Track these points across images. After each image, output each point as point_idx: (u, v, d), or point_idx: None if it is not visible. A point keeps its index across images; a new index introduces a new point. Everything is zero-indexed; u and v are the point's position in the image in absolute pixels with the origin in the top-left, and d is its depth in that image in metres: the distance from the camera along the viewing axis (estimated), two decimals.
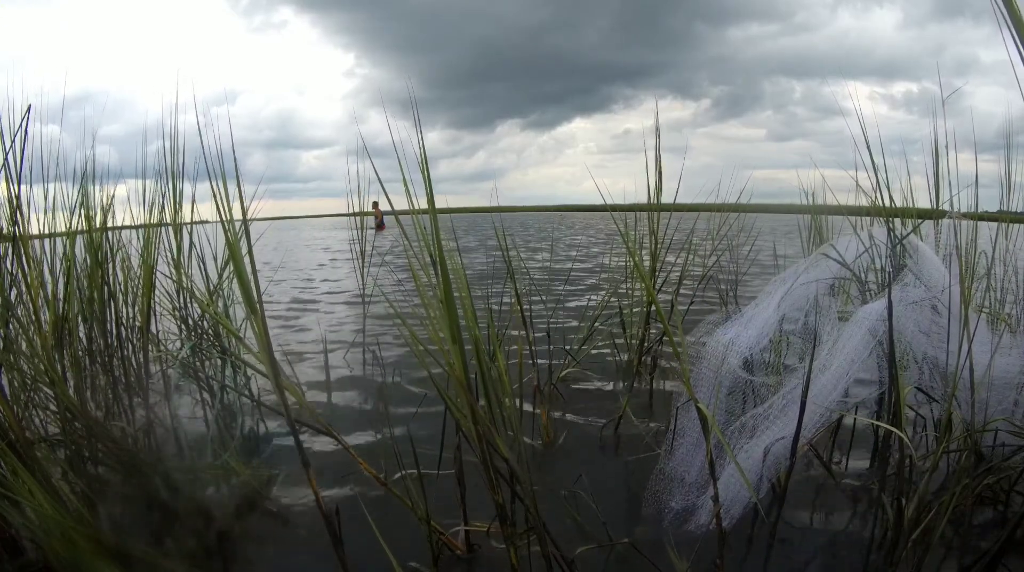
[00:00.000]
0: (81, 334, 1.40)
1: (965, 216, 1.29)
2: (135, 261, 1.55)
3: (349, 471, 1.42)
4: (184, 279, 1.67)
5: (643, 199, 1.97)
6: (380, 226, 10.05)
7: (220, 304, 1.76)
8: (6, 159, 1.12)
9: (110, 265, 1.45)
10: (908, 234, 1.28)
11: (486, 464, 0.94)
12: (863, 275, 1.40)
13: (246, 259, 0.80)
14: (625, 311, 2.22)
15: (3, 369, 1.11)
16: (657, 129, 1.87)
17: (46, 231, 1.40)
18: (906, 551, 0.96)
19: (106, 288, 1.42)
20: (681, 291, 2.14)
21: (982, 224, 1.35)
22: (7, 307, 1.17)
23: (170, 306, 1.69)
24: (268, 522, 1.30)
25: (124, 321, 1.49)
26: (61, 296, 1.33)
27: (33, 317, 1.25)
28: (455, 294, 0.89)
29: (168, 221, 1.65)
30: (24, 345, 1.22)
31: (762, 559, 1.09)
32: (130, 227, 1.59)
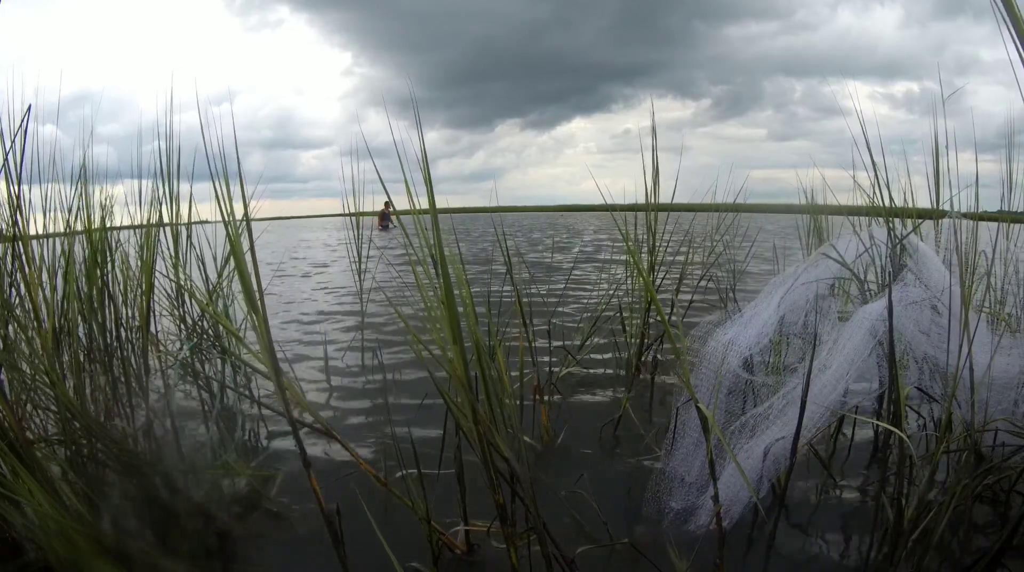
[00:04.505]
0: (81, 334, 1.40)
1: (965, 216, 1.29)
2: (134, 261, 1.55)
3: (350, 471, 1.42)
4: (183, 279, 1.67)
5: (642, 199, 1.97)
6: (385, 227, 10.12)
7: (220, 304, 1.76)
8: (6, 159, 1.12)
9: (109, 265, 1.45)
10: (908, 234, 1.28)
11: (486, 464, 0.94)
12: (863, 275, 1.40)
13: (247, 257, 0.80)
14: (625, 311, 2.22)
15: (3, 369, 1.11)
16: (653, 129, 1.87)
17: (45, 231, 1.40)
18: (906, 551, 0.96)
19: (105, 288, 1.41)
20: (681, 290, 2.14)
21: (982, 224, 1.35)
22: (7, 307, 1.16)
23: (169, 306, 1.69)
24: (268, 522, 1.30)
25: (123, 321, 1.49)
26: (60, 296, 1.33)
27: (33, 317, 1.25)
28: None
29: (167, 221, 1.65)
30: (24, 345, 1.22)
31: (762, 559, 1.09)
32: (129, 227, 1.59)
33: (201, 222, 1.73)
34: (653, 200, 1.94)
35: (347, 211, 2.57)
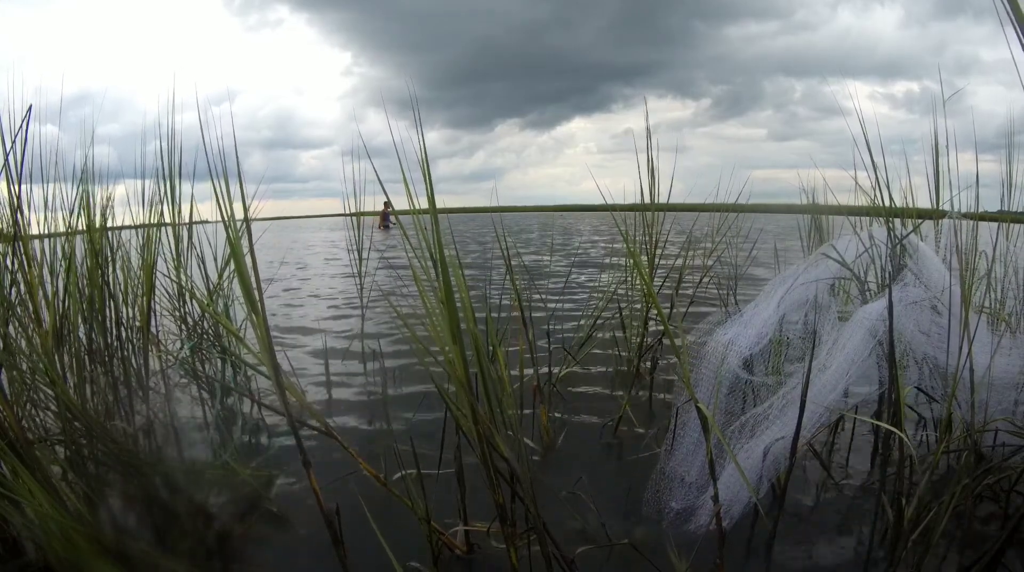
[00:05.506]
0: (81, 334, 1.40)
1: (965, 216, 1.29)
2: (135, 261, 1.55)
3: (349, 471, 1.41)
4: (184, 279, 1.67)
5: (641, 200, 1.97)
6: (385, 226, 10.17)
7: (220, 304, 1.76)
8: (7, 159, 1.12)
9: (110, 265, 1.45)
10: (908, 234, 1.28)
11: (486, 464, 0.94)
12: (863, 275, 1.40)
13: (247, 258, 0.80)
14: (625, 311, 2.22)
15: (3, 369, 1.11)
16: (648, 130, 1.89)
17: (46, 231, 1.40)
18: (906, 551, 0.96)
19: (106, 288, 1.41)
20: (681, 290, 2.14)
21: (982, 224, 1.35)
22: (7, 307, 1.16)
23: (170, 306, 1.69)
24: (268, 522, 1.30)
25: (124, 321, 1.49)
26: (61, 296, 1.33)
27: (33, 317, 1.25)
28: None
29: (168, 221, 1.65)
30: (24, 345, 1.22)
31: (762, 559, 1.09)
32: (130, 227, 1.59)
33: (202, 222, 1.73)
34: (651, 201, 1.95)
35: (348, 211, 2.57)
